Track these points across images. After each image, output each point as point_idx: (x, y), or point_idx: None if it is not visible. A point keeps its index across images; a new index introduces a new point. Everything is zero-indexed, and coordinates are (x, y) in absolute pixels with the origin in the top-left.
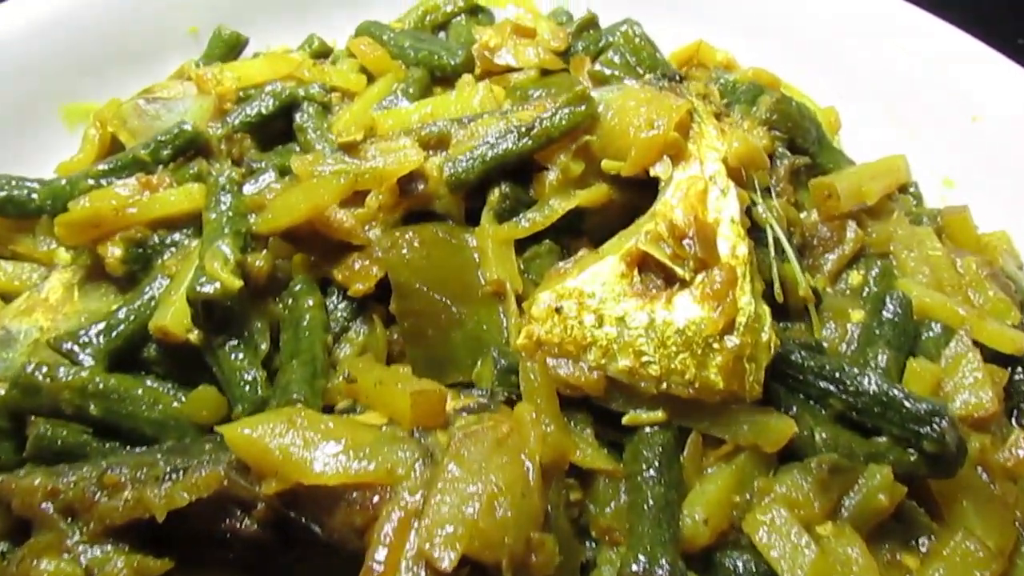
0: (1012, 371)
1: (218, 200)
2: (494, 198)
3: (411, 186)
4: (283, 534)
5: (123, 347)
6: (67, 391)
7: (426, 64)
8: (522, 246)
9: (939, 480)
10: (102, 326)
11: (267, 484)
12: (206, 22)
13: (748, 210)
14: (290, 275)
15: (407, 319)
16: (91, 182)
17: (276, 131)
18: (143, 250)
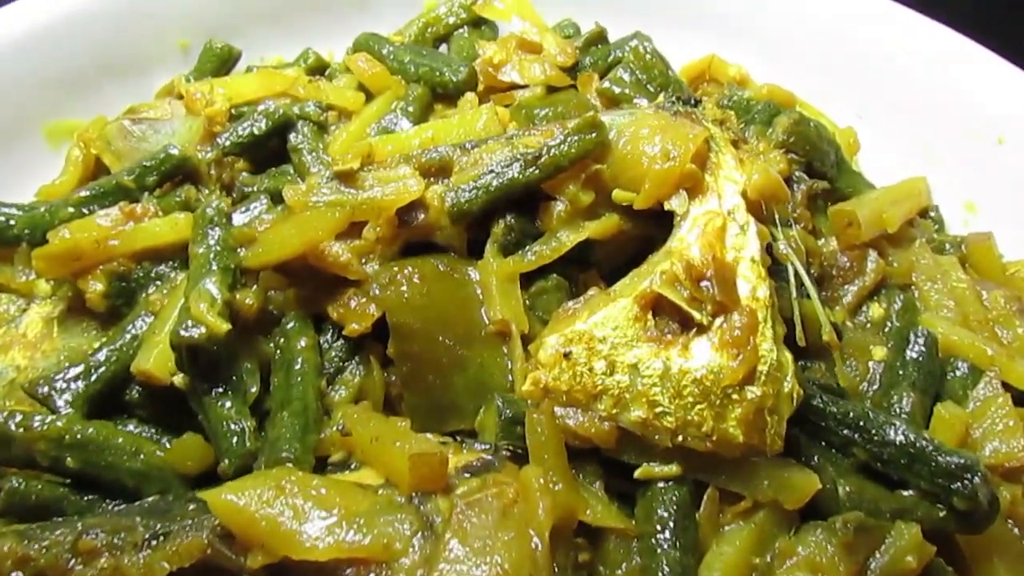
0: None
1: (205, 233)
2: (499, 230)
3: (411, 216)
4: None
5: (103, 391)
6: (42, 442)
7: (427, 81)
8: (528, 279)
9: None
10: (81, 368)
11: (253, 557)
12: (197, 35)
13: (768, 246)
14: (282, 309)
15: (406, 364)
16: (72, 210)
17: (270, 151)
18: (126, 284)
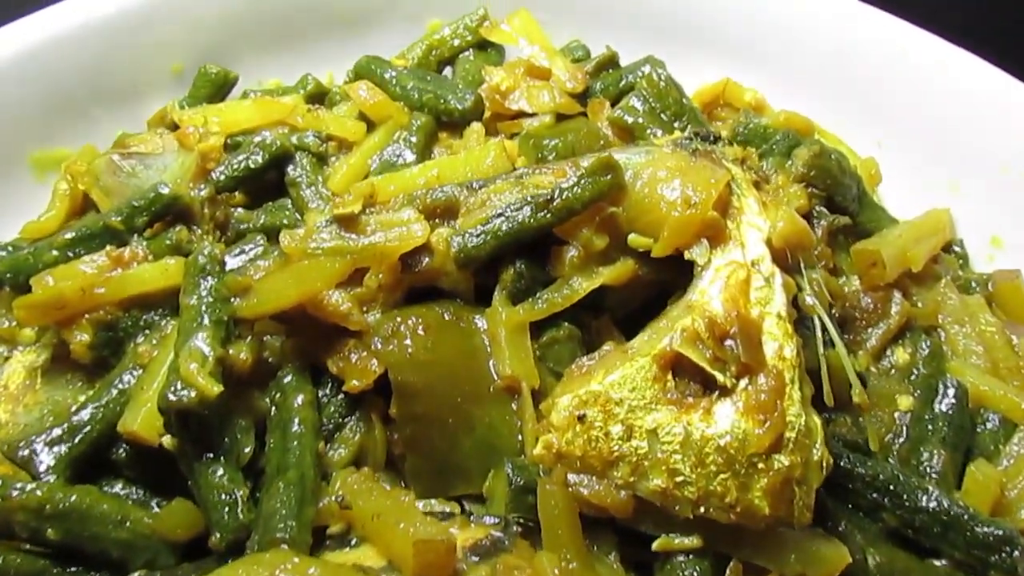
0: None
1: (197, 283)
2: (508, 276)
3: (415, 260)
4: None
5: (88, 452)
6: (22, 513)
7: (431, 108)
8: (539, 328)
9: None
10: (64, 429)
11: None
12: (191, 58)
13: (793, 298)
14: (278, 359)
15: (409, 425)
16: (56, 253)
17: (266, 184)
18: (113, 333)
